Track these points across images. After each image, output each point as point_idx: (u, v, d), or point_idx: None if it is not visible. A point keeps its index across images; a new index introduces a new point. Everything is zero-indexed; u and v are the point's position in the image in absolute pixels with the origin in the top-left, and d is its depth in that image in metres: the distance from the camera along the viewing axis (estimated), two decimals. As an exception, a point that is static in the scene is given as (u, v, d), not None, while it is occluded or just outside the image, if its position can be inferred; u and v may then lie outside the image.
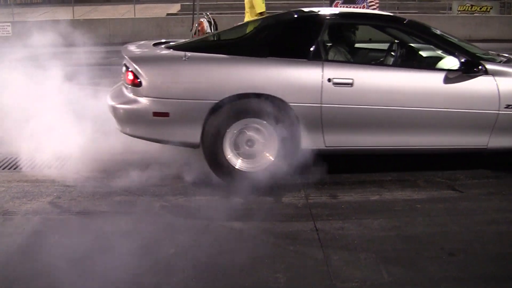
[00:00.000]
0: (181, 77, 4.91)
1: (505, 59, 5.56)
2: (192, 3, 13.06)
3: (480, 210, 4.57)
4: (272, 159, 4.92)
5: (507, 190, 5.05)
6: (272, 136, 4.89)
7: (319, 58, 5.00)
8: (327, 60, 5.09)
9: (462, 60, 5.03)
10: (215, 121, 4.83)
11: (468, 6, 23.92)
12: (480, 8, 23.94)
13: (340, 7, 23.31)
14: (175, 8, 25.00)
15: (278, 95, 4.81)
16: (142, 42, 6.25)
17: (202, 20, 9.81)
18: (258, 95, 4.82)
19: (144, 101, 4.87)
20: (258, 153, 4.95)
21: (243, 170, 4.93)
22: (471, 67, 4.99)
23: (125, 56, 5.11)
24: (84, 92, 7.00)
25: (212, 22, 10.16)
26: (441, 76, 5.01)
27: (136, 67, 4.88)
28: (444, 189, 5.05)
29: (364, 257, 3.71)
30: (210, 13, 11.12)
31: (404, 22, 5.51)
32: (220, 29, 10.33)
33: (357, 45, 6.20)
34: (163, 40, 6.12)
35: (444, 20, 21.31)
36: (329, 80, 4.86)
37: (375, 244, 3.89)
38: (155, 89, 4.86)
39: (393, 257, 3.71)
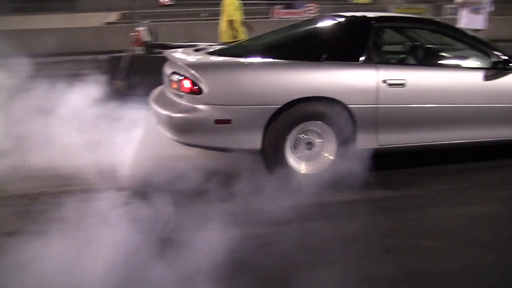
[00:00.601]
0: (243, 83, 4.93)
1: None
2: (130, 12, 12.67)
3: (414, 207, 4.71)
4: (332, 158, 5.12)
5: (440, 187, 5.24)
6: (331, 137, 5.10)
7: (373, 60, 5.25)
8: (381, 63, 5.32)
9: (499, 59, 5.54)
10: (277, 126, 4.94)
11: (405, 9, 24.86)
12: (416, 11, 24.78)
13: (281, 12, 24.18)
14: (113, 16, 24.52)
15: (337, 97, 5.01)
16: (180, 49, 6.13)
17: (139, 28, 9.44)
18: (318, 98, 4.99)
19: (205, 108, 4.83)
20: (318, 154, 5.16)
21: (305, 172, 5.11)
22: (506, 64, 5.51)
23: (181, 64, 5.11)
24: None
25: (154, 31, 9.79)
26: (480, 74, 5.50)
27: (197, 74, 4.85)
28: (380, 188, 5.14)
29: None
30: (152, 21, 10.73)
31: (443, 24, 5.91)
32: (161, 38, 10.02)
33: (402, 47, 6.50)
34: (195, 44, 6.69)
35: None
36: (384, 81, 5.15)
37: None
38: (217, 96, 4.85)
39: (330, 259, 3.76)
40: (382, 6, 25.39)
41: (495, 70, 5.51)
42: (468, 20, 10.79)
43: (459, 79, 5.49)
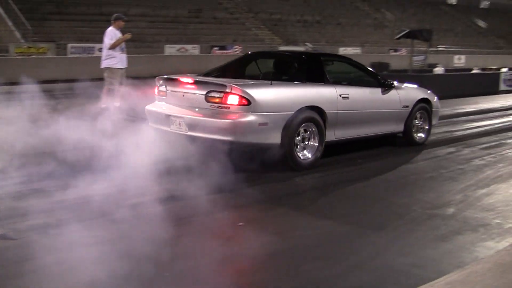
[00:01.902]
0: (273, 97, 7.22)
1: (393, 81, 9.41)
2: None
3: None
4: (316, 145, 7.75)
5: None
6: (319, 133, 7.70)
7: (330, 81, 8.11)
8: (334, 83, 8.15)
9: (385, 82, 9.02)
10: (291, 126, 7.26)
11: (25, 48, 25.60)
12: (38, 50, 25.81)
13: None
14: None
15: (321, 106, 7.67)
16: (199, 76, 8.34)
17: None
18: (311, 107, 7.56)
19: (252, 116, 6.91)
20: (310, 146, 7.72)
21: (303, 158, 7.64)
22: (389, 85, 9.02)
23: (229, 85, 6.99)
24: None
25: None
26: (379, 90, 8.85)
27: (247, 91, 6.90)
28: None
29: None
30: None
31: (355, 61, 9.18)
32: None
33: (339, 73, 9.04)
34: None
35: (2, 63, 22.34)
36: (340, 95, 7.98)
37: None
38: (260, 107, 6.95)
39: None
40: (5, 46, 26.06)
41: (384, 88, 8.93)
42: (119, 60, 12.02)
43: (372, 93, 8.75)
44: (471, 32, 60.29)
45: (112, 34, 11.88)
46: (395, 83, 9.18)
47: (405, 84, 9.74)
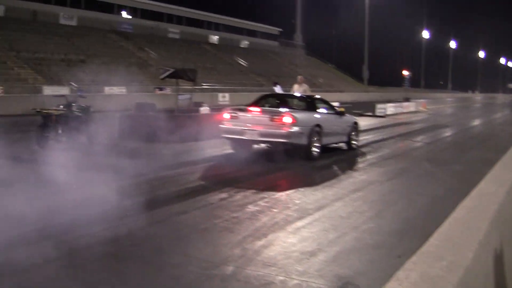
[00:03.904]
0: (304, 118, 13.59)
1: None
2: None
3: None
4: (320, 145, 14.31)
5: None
6: (319, 139, 14.03)
7: (318, 111, 15.06)
8: (320, 112, 15.12)
9: (338, 110, 16.22)
10: (311, 134, 13.44)
11: None
12: None
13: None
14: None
15: (321, 123, 14.01)
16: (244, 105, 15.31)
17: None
18: (317, 124, 13.82)
19: (296, 128, 12.99)
20: (317, 146, 13.93)
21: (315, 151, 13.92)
22: (343, 113, 16.08)
23: (284, 111, 13.48)
24: None
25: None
26: (337, 115, 15.68)
27: (294, 115, 13.19)
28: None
29: None
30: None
31: (318, 97, 16.85)
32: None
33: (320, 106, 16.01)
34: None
35: None
36: (325, 118, 14.86)
37: None
38: (299, 123, 13.10)
39: None
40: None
41: (340, 115, 15.75)
42: None
43: (335, 117, 15.45)
44: (233, 71, 62.91)
45: None
46: (345, 113, 16.57)
47: (347, 114, 16.68)
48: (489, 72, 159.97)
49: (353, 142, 16.33)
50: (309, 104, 14.99)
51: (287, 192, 9.69)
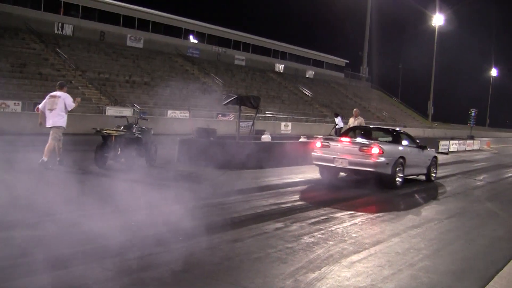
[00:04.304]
0: (390, 150, 14.77)
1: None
2: None
3: None
4: (402, 176, 15.70)
5: None
6: (403, 169, 15.51)
7: (403, 144, 16.26)
8: (404, 144, 16.33)
9: (422, 146, 16.99)
10: (395, 164, 14.63)
11: None
12: None
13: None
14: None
15: (404, 155, 15.23)
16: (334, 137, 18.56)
17: None
18: (401, 156, 15.15)
19: (383, 158, 14.24)
20: (400, 176, 15.44)
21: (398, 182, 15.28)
22: (425, 147, 17.07)
23: (373, 143, 14.67)
24: None
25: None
26: (420, 149, 16.83)
27: (382, 146, 14.35)
28: None
29: None
30: None
31: (403, 131, 17.90)
32: None
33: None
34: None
35: None
36: (409, 151, 16.18)
37: None
38: (386, 154, 14.31)
39: None
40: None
41: (421, 148, 16.89)
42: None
43: (418, 151, 16.70)
44: (297, 100, 62.90)
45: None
46: (426, 147, 17.41)
47: (428, 148, 17.57)
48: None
49: (432, 174, 17.76)
50: (395, 137, 16.34)
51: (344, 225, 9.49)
